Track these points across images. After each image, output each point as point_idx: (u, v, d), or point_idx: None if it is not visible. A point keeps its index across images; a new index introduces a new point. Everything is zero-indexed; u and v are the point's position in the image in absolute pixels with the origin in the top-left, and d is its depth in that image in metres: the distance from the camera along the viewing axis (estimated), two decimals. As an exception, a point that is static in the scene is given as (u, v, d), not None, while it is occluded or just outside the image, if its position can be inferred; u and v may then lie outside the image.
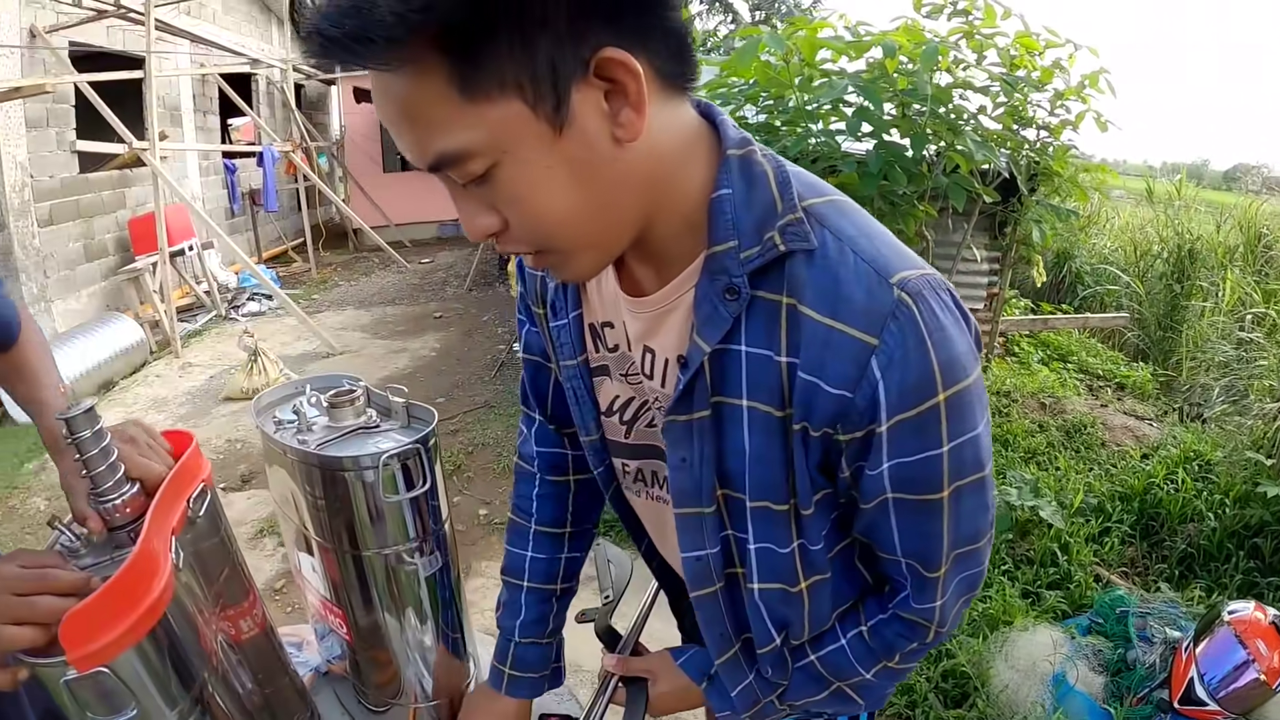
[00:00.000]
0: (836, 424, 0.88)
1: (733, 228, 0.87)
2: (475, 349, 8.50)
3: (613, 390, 1.13)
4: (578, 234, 0.84)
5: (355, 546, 1.42)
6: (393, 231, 15.39)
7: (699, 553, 1.05)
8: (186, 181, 11.88)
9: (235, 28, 13.78)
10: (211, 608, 1.21)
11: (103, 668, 0.92)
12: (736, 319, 0.89)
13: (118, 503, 1.10)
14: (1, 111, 8.45)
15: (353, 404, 1.49)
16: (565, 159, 0.78)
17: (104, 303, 10.00)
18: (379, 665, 1.55)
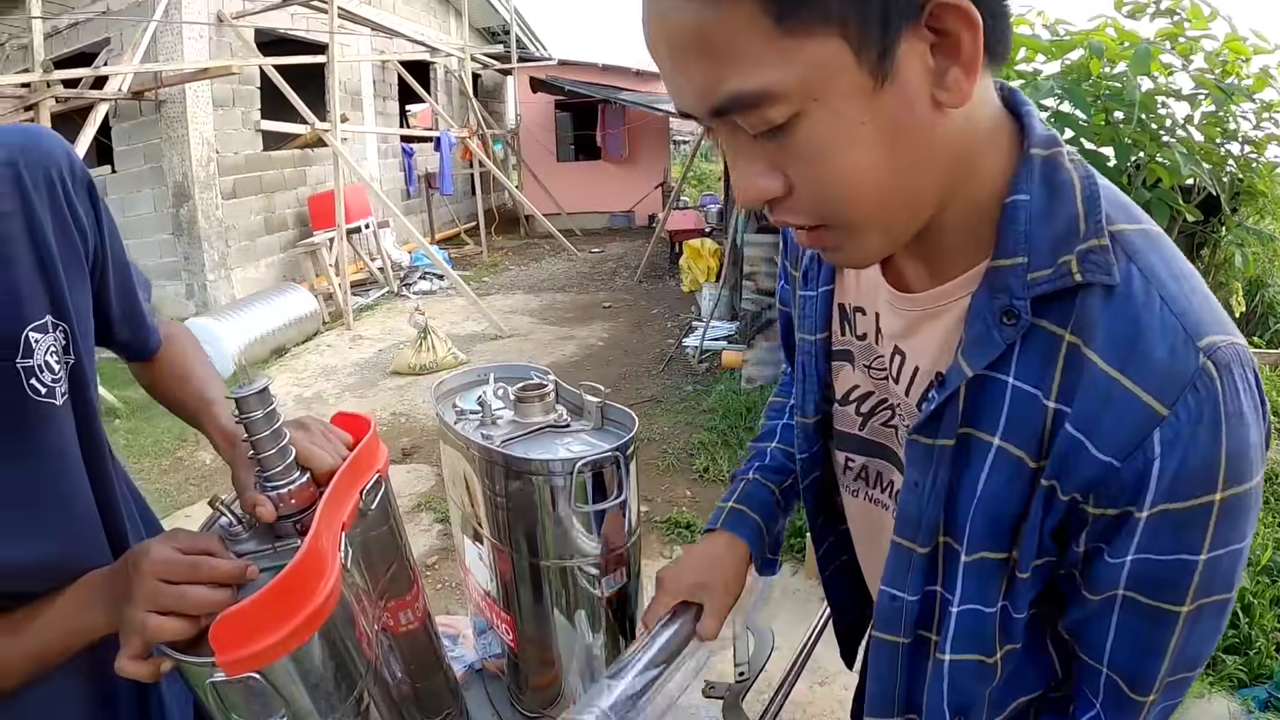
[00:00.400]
0: (1090, 494, 0.74)
1: (1024, 241, 0.74)
2: (643, 341, 8.32)
3: (853, 379, 1.01)
4: (872, 208, 0.72)
5: (534, 554, 1.33)
6: (564, 220, 15.48)
7: (897, 593, 0.91)
8: (365, 163, 12.26)
9: (415, 17, 14.21)
10: (376, 601, 1.14)
11: (254, 673, 0.83)
12: (1010, 346, 0.76)
13: (284, 491, 1.00)
14: (190, 91, 8.94)
15: (542, 399, 1.41)
16: (880, 117, 0.66)
17: (281, 273, 10.51)
18: (539, 672, 1.49)
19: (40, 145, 0.99)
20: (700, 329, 7.74)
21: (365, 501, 1.10)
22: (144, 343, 1.25)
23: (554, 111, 17.03)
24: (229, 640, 0.82)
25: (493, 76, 17.86)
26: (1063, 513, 0.77)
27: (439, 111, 14.23)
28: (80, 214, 1.03)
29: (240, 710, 0.87)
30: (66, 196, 1.00)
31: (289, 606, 0.86)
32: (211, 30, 9.34)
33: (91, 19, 9.27)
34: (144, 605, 0.87)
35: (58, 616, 0.97)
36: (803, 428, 1.10)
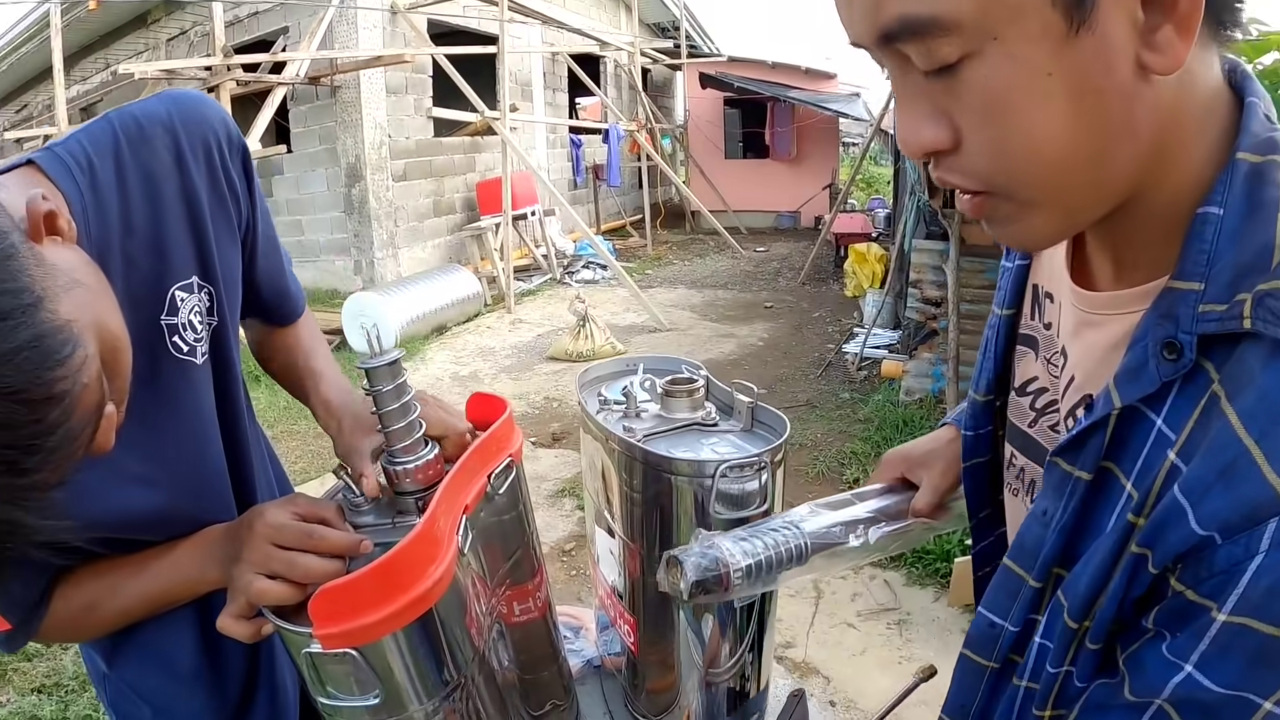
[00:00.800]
0: (1179, 565, 0.60)
1: (1206, 264, 0.61)
2: (803, 344, 8.10)
3: (1033, 370, 0.88)
4: (1048, 181, 0.60)
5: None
6: (730, 217, 15.40)
7: (997, 620, 0.81)
8: (534, 152, 12.50)
9: (585, 11, 14.41)
10: (494, 588, 1.11)
11: (351, 649, 0.81)
12: (1166, 385, 0.63)
13: (410, 467, 0.98)
14: (365, 77, 9.34)
15: (690, 395, 1.32)
16: (1071, 70, 0.55)
17: (447, 255, 10.87)
18: (657, 676, 1.40)
19: (199, 112, 1.01)
20: (861, 336, 7.53)
21: (493, 485, 1.07)
22: (289, 309, 1.27)
23: (723, 108, 16.99)
24: (328, 614, 0.81)
25: (662, 71, 17.93)
26: (1147, 587, 0.64)
27: (608, 104, 14.37)
28: (235, 181, 1.06)
29: (333, 684, 0.86)
30: (223, 163, 1.03)
31: (394, 587, 0.84)
32: (386, 20, 9.73)
33: (270, 9, 9.86)
34: (253, 567, 0.89)
35: (174, 564, 1.00)
36: (972, 404, 0.99)
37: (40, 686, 3.26)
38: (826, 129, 16.28)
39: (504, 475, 1.10)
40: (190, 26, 10.69)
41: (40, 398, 0.60)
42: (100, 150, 0.93)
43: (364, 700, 0.86)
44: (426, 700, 0.91)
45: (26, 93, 14.80)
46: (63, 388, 0.62)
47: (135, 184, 0.95)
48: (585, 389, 1.46)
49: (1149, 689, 0.63)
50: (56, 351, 0.62)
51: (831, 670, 3.19)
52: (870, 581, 3.78)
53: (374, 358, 0.94)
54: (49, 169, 0.89)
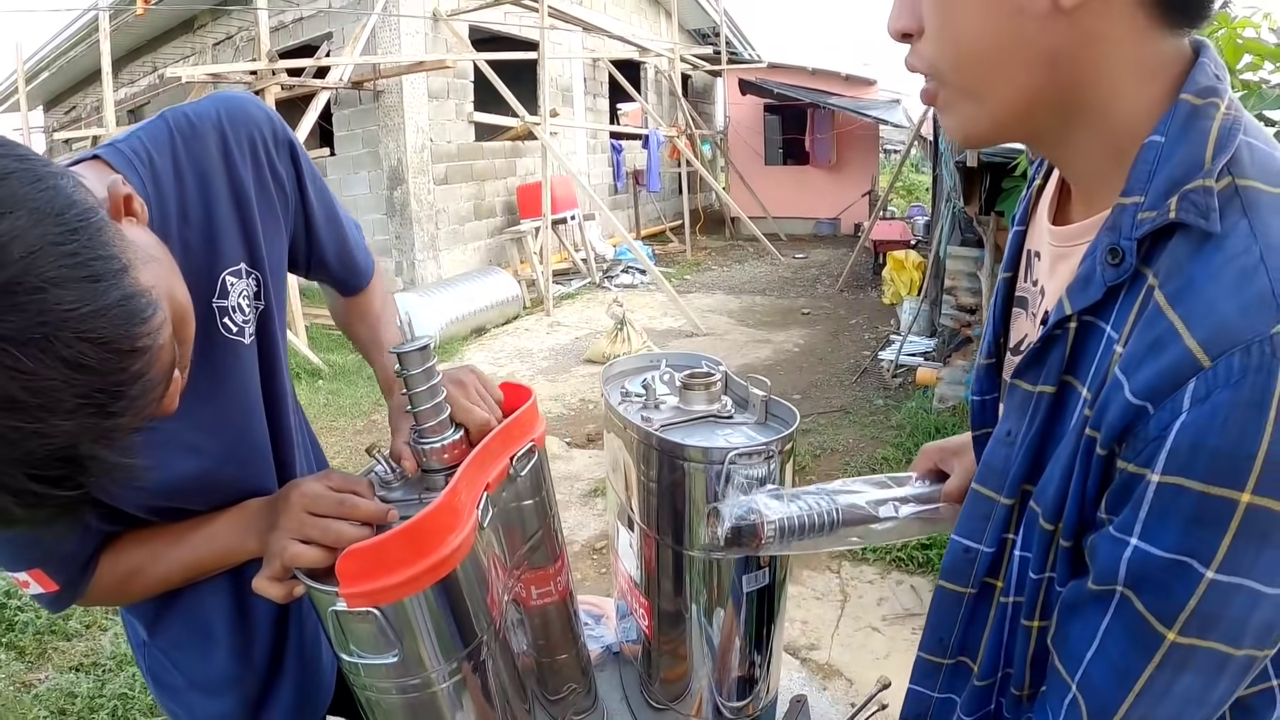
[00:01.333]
0: (1123, 444, 0.68)
1: (1147, 181, 0.71)
2: (839, 351, 8.09)
3: (1024, 328, 0.96)
4: (965, 71, 0.75)
5: (679, 542, 1.30)
6: (769, 223, 15.37)
7: (970, 544, 0.89)
8: (574, 157, 12.55)
9: (625, 17, 14.46)
10: (513, 569, 1.18)
11: (373, 608, 0.88)
12: (1110, 291, 0.72)
13: (436, 446, 1.05)
14: (407, 82, 9.47)
15: (707, 388, 1.37)
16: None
17: (487, 257, 10.96)
18: (671, 664, 1.45)
19: (245, 111, 1.09)
20: (897, 343, 7.51)
21: (515, 467, 1.14)
22: (357, 279, 1.36)
23: (763, 114, 16.96)
24: (354, 573, 0.87)
25: (702, 77, 17.94)
26: (1099, 474, 0.72)
27: (648, 110, 14.43)
28: (281, 173, 1.13)
29: (356, 642, 0.91)
30: (268, 156, 1.11)
31: (415, 551, 0.90)
32: (427, 26, 9.86)
33: (314, 15, 10.03)
34: (289, 533, 0.95)
35: (214, 534, 1.08)
36: (978, 369, 1.06)
37: (79, 665, 3.36)
38: (866, 135, 16.21)
39: (526, 458, 1.16)
40: (236, 32, 10.89)
41: (127, 349, 0.68)
42: (158, 146, 1.01)
43: (384, 658, 0.91)
44: (443, 662, 0.96)
45: (75, 95, 15.16)
46: (144, 343, 0.70)
47: (189, 177, 1.03)
48: (609, 383, 1.51)
49: (1106, 574, 0.70)
50: (141, 311, 0.70)
51: (855, 673, 3.20)
52: (897, 586, 3.78)
53: (405, 343, 1.01)
54: (114, 162, 0.96)
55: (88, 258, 0.67)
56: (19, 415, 0.63)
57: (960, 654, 0.95)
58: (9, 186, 0.66)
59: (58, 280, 0.64)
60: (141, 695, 3.12)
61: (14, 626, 3.57)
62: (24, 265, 0.63)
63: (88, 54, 11.38)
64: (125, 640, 3.44)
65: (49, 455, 0.66)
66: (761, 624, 1.36)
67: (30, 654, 3.44)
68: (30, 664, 3.39)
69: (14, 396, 0.62)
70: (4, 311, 0.61)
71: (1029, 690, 0.86)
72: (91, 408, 0.66)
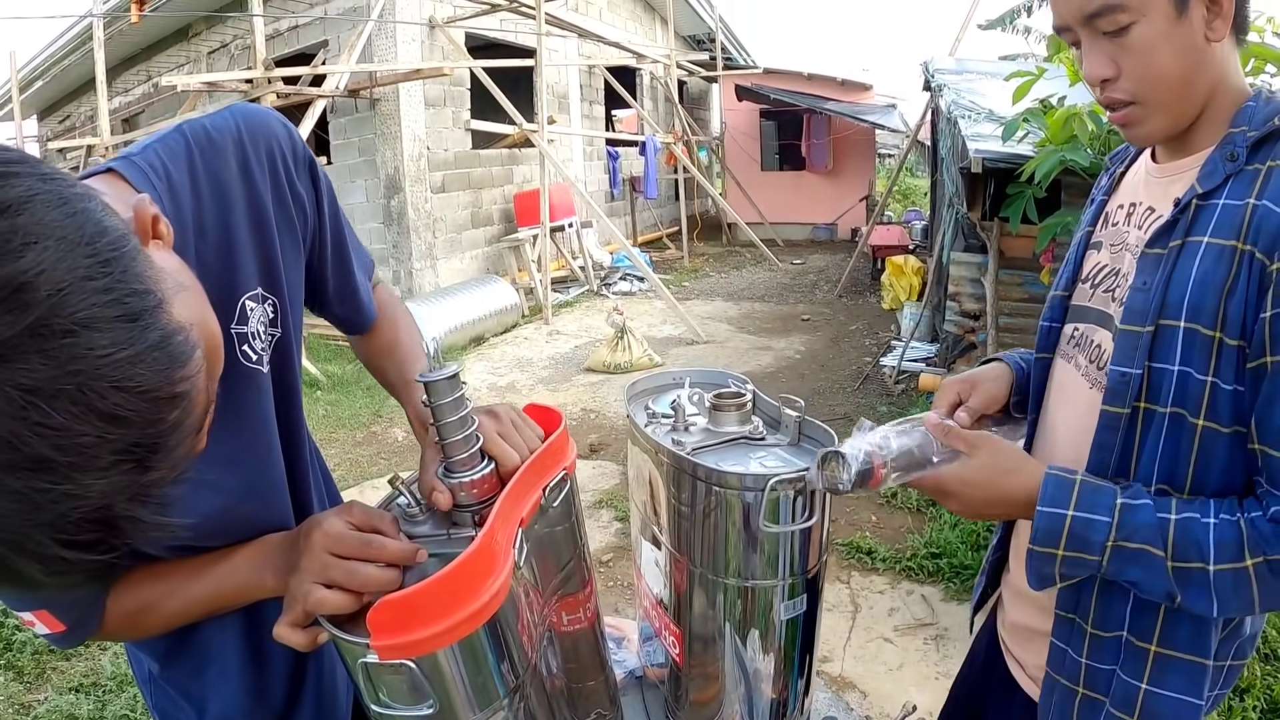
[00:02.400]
0: (1272, 249, 1.01)
1: (1248, 119, 1.11)
2: (840, 357, 8.08)
3: (1097, 259, 1.31)
4: (1165, 95, 1.10)
5: (714, 569, 1.27)
6: (766, 229, 15.36)
7: (1125, 369, 1.13)
8: (571, 164, 12.55)
9: (621, 24, 14.48)
10: (547, 599, 1.14)
11: (408, 661, 0.83)
12: (1228, 178, 1.09)
13: (465, 481, 1.00)
14: (404, 90, 9.45)
15: (739, 409, 1.34)
16: (1178, 35, 1.06)
17: (484, 266, 10.93)
18: (701, 689, 1.42)
19: (265, 125, 1.05)
20: (899, 349, 7.48)
21: (548, 499, 1.09)
22: (358, 319, 1.30)
23: (759, 120, 16.98)
24: (386, 625, 0.82)
25: (698, 84, 17.95)
26: (1248, 278, 1.03)
27: (644, 117, 14.42)
28: (300, 192, 1.09)
29: (388, 693, 0.87)
30: (287, 174, 1.06)
31: (452, 601, 0.85)
32: (424, 34, 9.85)
33: (310, 23, 10.01)
34: (311, 576, 0.90)
35: (231, 571, 1.02)
36: (1053, 300, 1.39)
37: (78, 686, 3.31)
38: (863, 140, 16.22)
39: (559, 488, 1.11)
40: (231, 40, 10.86)
41: (167, 396, 0.62)
42: (174, 158, 0.96)
43: (418, 710, 0.87)
44: (479, 711, 0.92)
45: (69, 103, 15.11)
46: (183, 388, 0.64)
47: (207, 191, 0.98)
48: (633, 401, 1.48)
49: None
50: (179, 352, 0.63)
51: (869, 685, 3.16)
52: (907, 596, 3.74)
53: (432, 372, 0.96)
54: (130, 176, 0.90)
55: (122, 294, 0.60)
56: (48, 476, 0.56)
57: (1118, 475, 1.16)
58: (34, 212, 0.58)
59: (90, 321, 0.57)
60: (144, 717, 3.07)
61: (11, 646, 3.52)
62: (52, 305, 0.55)
63: (82, 62, 11.33)
64: (126, 661, 3.40)
65: (81, 518, 0.58)
66: (796, 650, 1.32)
67: (29, 674, 3.39)
68: (29, 684, 3.34)
69: (42, 455, 0.55)
70: (30, 359, 0.54)
71: (1192, 496, 1.10)
72: (128, 463, 0.59)
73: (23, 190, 0.59)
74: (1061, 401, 1.32)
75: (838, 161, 16.34)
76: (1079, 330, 1.31)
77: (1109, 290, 1.24)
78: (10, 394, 0.54)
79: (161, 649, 1.14)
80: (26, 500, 0.56)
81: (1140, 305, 1.12)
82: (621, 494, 4.94)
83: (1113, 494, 1.09)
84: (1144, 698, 1.17)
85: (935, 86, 7.17)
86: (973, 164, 4.81)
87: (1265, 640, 3.19)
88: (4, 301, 0.54)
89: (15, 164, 0.61)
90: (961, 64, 7.84)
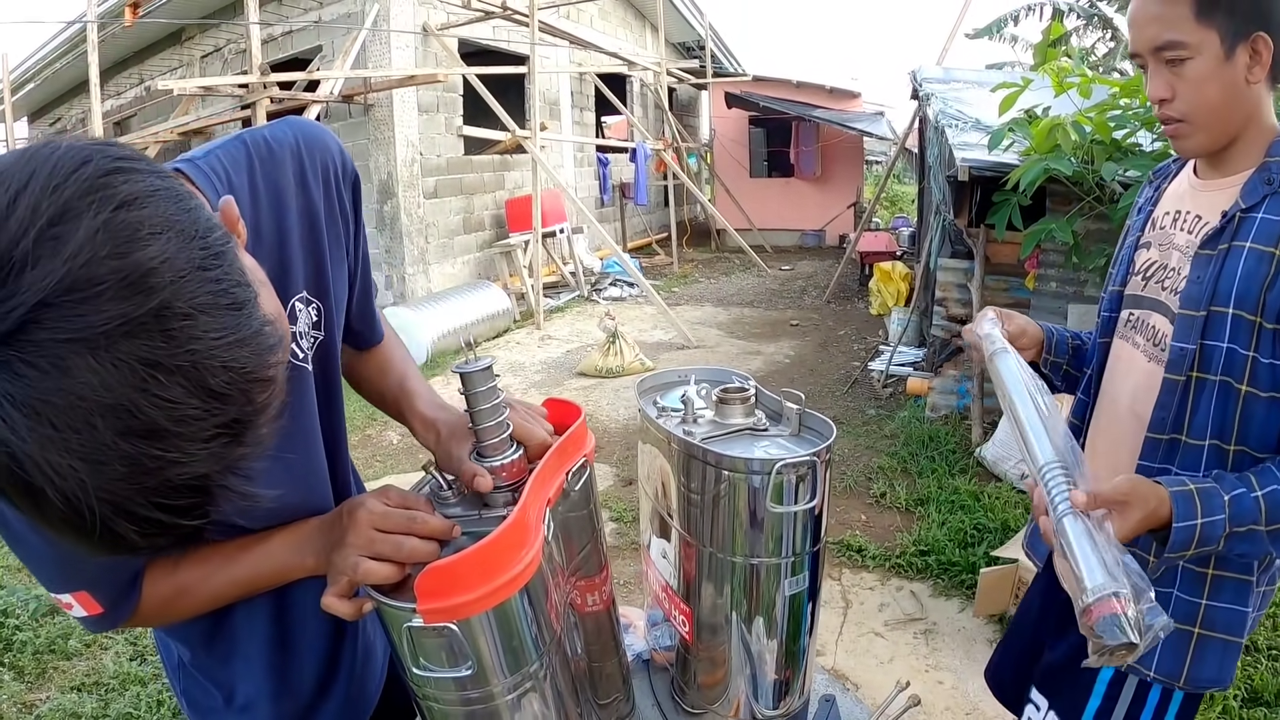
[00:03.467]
0: None
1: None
2: (829, 362, 8.16)
3: (1148, 256, 1.60)
4: (1208, 118, 1.39)
5: (721, 549, 1.36)
6: (755, 235, 15.44)
7: (1183, 345, 1.43)
8: (562, 170, 12.62)
9: (612, 32, 14.55)
10: (567, 578, 1.22)
11: (450, 624, 0.90)
12: (1265, 196, 1.37)
13: (500, 464, 1.08)
14: (397, 96, 9.49)
15: (743, 402, 1.44)
16: (1223, 73, 1.35)
17: (476, 271, 10.97)
18: (708, 669, 1.50)
19: (321, 141, 1.12)
20: (887, 353, 7.56)
21: (570, 483, 1.18)
22: (371, 334, 1.36)
23: (748, 127, 17.06)
24: (432, 590, 0.88)
25: (688, 91, 18.02)
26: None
27: (634, 123, 14.48)
28: (346, 206, 1.16)
29: (429, 656, 0.93)
30: (338, 188, 1.14)
31: (492, 568, 0.92)
32: (418, 40, 9.90)
33: (305, 28, 10.06)
34: (358, 549, 0.96)
35: (269, 553, 1.07)
36: (1110, 294, 1.68)
37: (81, 684, 3.33)
38: (851, 148, 16.32)
39: (580, 474, 1.20)
40: (224, 44, 10.89)
41: (262, 379, 0.68)
42: (235, 165, 1.01)
43: (456, 672, 0.93)
44: (510, 675, 0.98)
45: (60, 106, 15.07)
46: (273, 373, 0.69)
47: (265, 198, 1.03)
48: (643, 396, 1.56)
49: None
50: (272, 340, 0.69)
51: (860, 677, 3.23)
52: (897, 593, 3.82)
53: (468, 364, 1.04)
54: (194, 178, 0.95)
55: (229, 285, 0.66)
56: (158, 443, 0.61)
57: (1174, 431, 1.45)
58: (157, 206, 0.64)
59: (204, 307, 0.63)
60: (147, 715, 3.10)
61: (12, 646, 3.54)
62: (174, 290, 0.61)
63: (74, 65, 11.35)
64: (128, 659, 3.44)
65: (181, 484, 0.64)
66: (799, 626, 1.40)
67: (30, 674, 3.41)
68: (30, 684, 3.37)
69: (156, 424, 0.61)
70: (153, 337, 0.60)
71: (1237, 447, 1.40)
72: (225, 437, 0.65)
73: (145, 186, 0.64)
74: (1122, 373, 1.62)
75: (826, 169, 16.44)
76: (1134, 315, 1.60)
77: (1159, 282, 1.54)
78: (134, 367, 0.59)
79: (195, 636, 1.18)
80: (136, 465, 0.61)
81: (1195, 294, 1.41)
82: (617, 496, 4.99)
83: (1219, 494, 1.30)
84: (1204, 611, 1.46)
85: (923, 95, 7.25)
86: (960, 172, 4.89)
87: (1245, 635, 3.27)
88: (133, 285, 0.59)
89: (134, 160, 0.66)
90: (949, 73, 7.93)
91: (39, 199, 0.59)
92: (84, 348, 0.58)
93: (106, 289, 0.58)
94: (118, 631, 3.64)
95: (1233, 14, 1.32)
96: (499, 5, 9.96)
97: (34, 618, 3.75)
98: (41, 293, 0.57)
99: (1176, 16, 1.34)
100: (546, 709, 1.07)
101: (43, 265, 0.58)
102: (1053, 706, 1.66)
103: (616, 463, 5.50)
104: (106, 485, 0.61)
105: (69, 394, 0.58)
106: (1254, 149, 1.42)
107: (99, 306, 0.58)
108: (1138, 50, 1.42)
